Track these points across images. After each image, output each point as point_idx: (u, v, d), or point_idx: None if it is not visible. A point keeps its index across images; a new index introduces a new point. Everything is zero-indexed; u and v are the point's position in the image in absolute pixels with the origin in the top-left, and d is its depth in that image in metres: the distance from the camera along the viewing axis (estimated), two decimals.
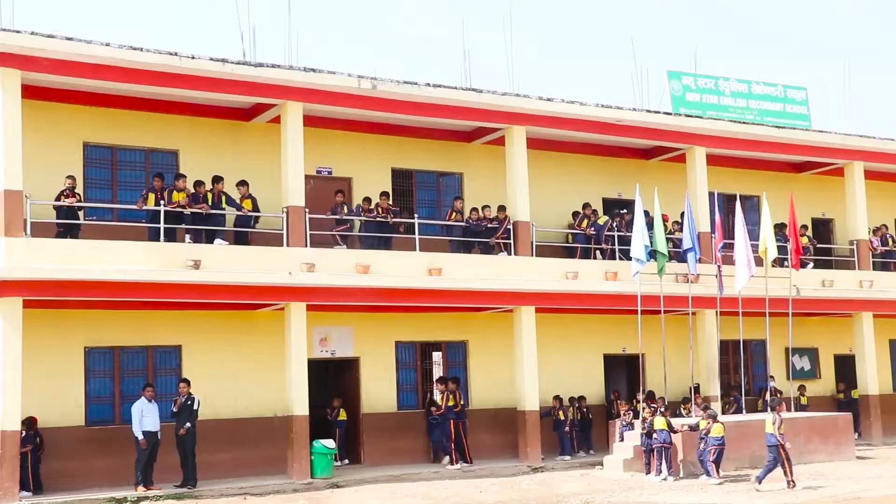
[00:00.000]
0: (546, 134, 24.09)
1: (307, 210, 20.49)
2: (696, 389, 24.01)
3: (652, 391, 24.43)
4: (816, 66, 70.16)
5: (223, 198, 20.29)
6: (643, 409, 20.73)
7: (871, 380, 26.95)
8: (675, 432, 19.91)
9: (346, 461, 21.98)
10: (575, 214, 24.65)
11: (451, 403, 21.56)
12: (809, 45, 73.72)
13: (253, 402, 20.99)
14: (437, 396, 22.10)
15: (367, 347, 22.61)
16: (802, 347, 28.22)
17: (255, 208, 20.49)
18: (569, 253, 24.28)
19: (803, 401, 26.81)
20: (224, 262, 19.27)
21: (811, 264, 27.03)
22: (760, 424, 21.73)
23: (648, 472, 19.91)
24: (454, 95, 21.98)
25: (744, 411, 24.35)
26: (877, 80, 69.62)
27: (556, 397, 23.58)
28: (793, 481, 17.82)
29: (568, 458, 23.12)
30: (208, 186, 20.17)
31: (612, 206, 25.88)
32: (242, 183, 20.45)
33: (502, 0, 56.62)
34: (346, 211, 21.84)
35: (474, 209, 23.09)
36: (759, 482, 17.88)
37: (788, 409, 24.67)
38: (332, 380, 23.11)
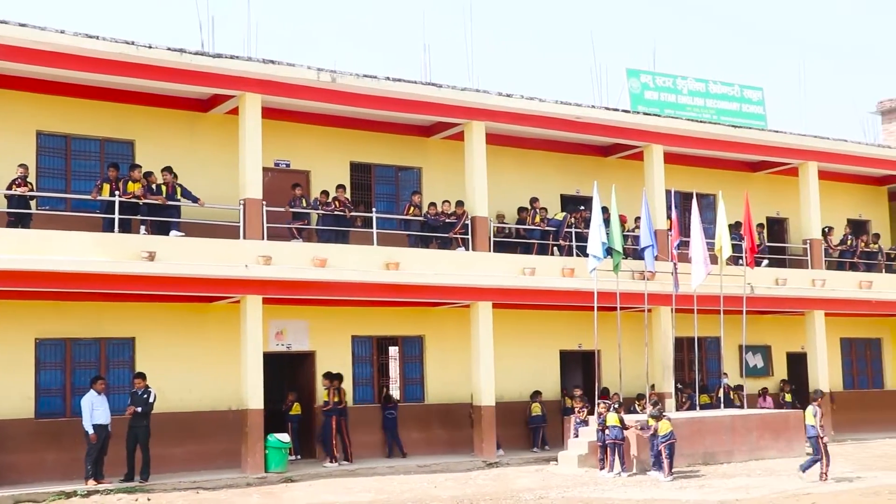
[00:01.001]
0: (505, 130, 24.12)
1: (265, 203, 20.35)
2: (654, 387, 24.16)
3: (607, 388, 24.57)
4: (773, 67, 70.87)
5: (178, 189, 20.09)
6: (598, 405, 20.82)
7: (822, 377, 27.26)
8: (627, 428, 20.01)
9: (298, 456, 21.86)
10: (521, 210, 24.68)
11: (335, 400, 21.38)
12: (766, 45, 74.43)
13: (207, 395, 20.84)
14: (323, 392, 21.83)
15: (323, 341, 22.52)
16: (756, 345, 28.50)
17: (184, 196, 20.19)
18: (526, 249, 24.33)
19: (788, 398, 27.07)
20: (179, 254, 19.09)
21: (766, 262, 27.27)
22: (714, 421, 22.03)
23: (603, 467, 20.01)
24: (414, 90, 21.93)
25: (697, 408, 24.55)
26: (831, 81, 70.45)
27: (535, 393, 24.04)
28: (825, 474, 18.17)
29: (537, 450, 23.51)
30: (159, 177, 19.94)
31: (570, 202, 25.96)
32: (168, 170, 20.17)
33: None
34: (304, 204, 21.73)
35: (433, 204, 23.07)
36: (804, 471, 18.33)
37: (742, 406, 24.99)
38: (288, 374, 23.00)
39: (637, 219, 24.96)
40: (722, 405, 24.95)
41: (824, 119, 65.03)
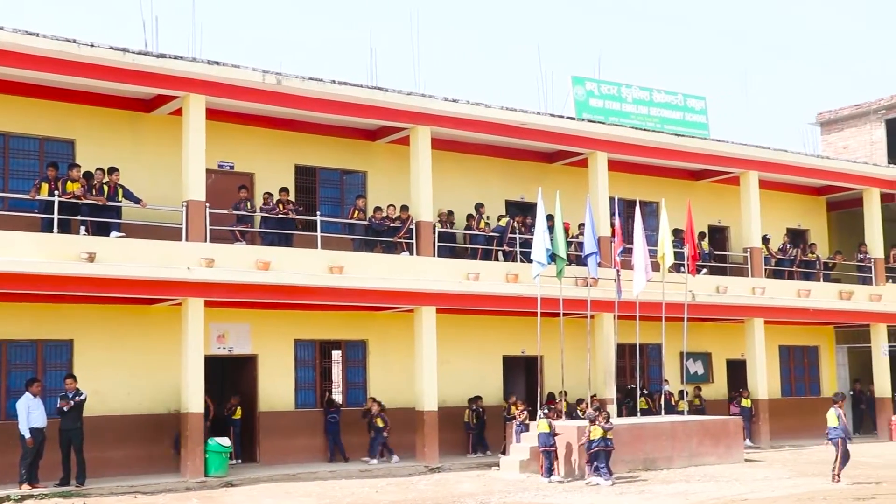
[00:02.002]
0: (450, 135, 24.15)
1: (208, 205, 20.17)
2: (594, 395, 24.30)
3: (552, 393, 24.67)
4: (716, 77, 71.77)
5: (120, 190, 19.84)
6: (542, 410, 20.90)
7: (760, 385, 27.63)
8: (557, 435, 20.05)
9: (240, 460, 21.67)
10: (470, 217, 24.73)
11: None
12: (709, 56, 75.37)
13: (146, 398, 20.59)
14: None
15: (265, 345, 22.37)
16: (696, 352, 28.81)
17: (126, 197, 19.95)
18: (470, 254, 24.37)
19: (696, 402, 27.39)
20: (120, 256, 18.84)
21: (704, 270, 27.56)
22: (654, 427, 22.20)
23: (544, 473, 20.05)
24: (359, 93, 21.88)
25: (638, 414, 24.75)
26: (773, 92, 71.53)
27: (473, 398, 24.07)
28: (838, 476, 18.50)
29: (481, 454, 23.61)
30: (99, 177, 19.66)
31: (514, 208, 26.05)
32: (112, 170, 19.89)
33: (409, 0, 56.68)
34: (248, 207, 21.57)
35: (378, 208, 23.03)
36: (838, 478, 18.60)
37: (682, 413, 25.23)
38: (230, 377, 22.82)
39: (581, 225, 25.11)
40: (663, 411, 25.17)
41: (766, 130, 66.05)
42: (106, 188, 19.63)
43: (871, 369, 30.55)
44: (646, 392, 26.45)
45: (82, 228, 19.37)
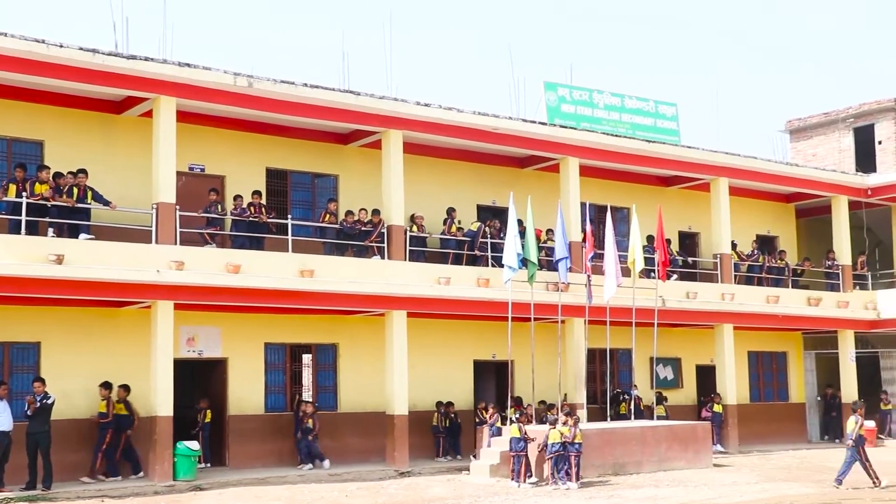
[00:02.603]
0: (423, 139, 24.15)
1: (178, 207, 20.07)
2: (565, 398, 24.35)
3: (520, 397, 24.70)
4: (687, 84, 72.21)
5: (89, 192, 19.69)
6: (511, 413, 20.94)
7: (729, 390, 27.79)
8: (529, 440, 20.07)
9: (209, 464, 21.55)
10: (445, 222, 24.75)
11: (113, 411, 19.83)
12: (681, 63, 75.81)
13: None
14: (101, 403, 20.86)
15: (235, 348, 22.27)
16: (666, 357, 28.92)
17: (95, 199, 19.81)
18: (442, 258, 24.38)
19: (660, 411, 27.23)
20: (89, 258, 18.70)
21: (675, 276, 27.69)
22: (624, 432, 22.29)
23: (514, 478, 20.08)
24: (331, 97, 21.85)
25: (609, 418, 24.83)
26: (743, 100, 72.06)
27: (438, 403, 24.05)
28: (877, 479, 18.83)
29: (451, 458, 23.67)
30: (68, 179, 19.50)
31: (486, 213, 26.09)
32: (81, 172, 19.72)
33: (382, 4, 56.68)
34: (219, 210, 21.48)
35: (349, 212, 22.99)
36: (839, 482, 18.83)
37: (651, 417, 25.33)
38: (199, 381, 22.70)
39: (551, 230, 25.18)
40: (632, 416, 25.25)
41: (736, 137, 66.48)
42: (75, 190, 19.48)
43: (839, 375, 30.78)
44: (626, 396, 26.53)
45: (50, 230, 19.22)
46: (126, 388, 20.03)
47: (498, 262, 23.63)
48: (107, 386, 19.77)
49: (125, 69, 19.40)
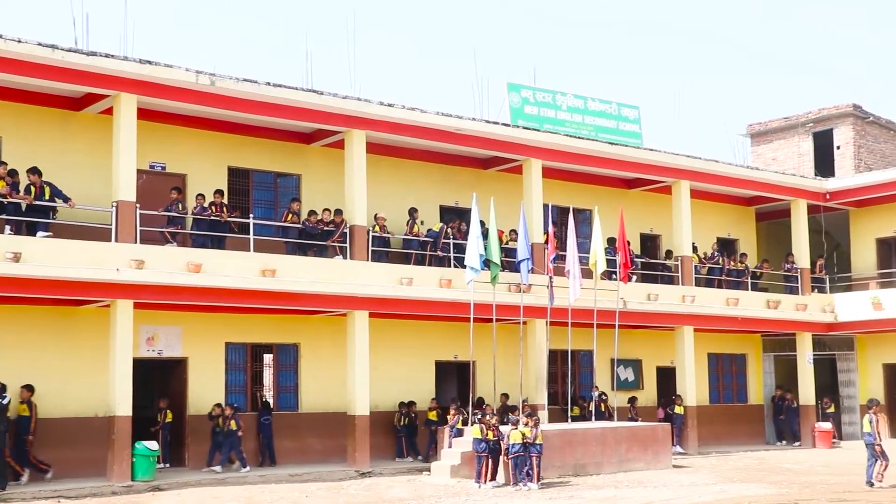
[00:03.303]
0: (386, 139, 24.12)
1: (138, 205, 19.90)
2: (525, 400, 24.40)
3: (482, 398, 24.73)
4: (649, 87, 72.66)
5: (47, 189, 19.48)
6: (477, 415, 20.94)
7: (689, 392, 27.98)
8: (490, 440, 20.08)
9: (168, 464, 21.39)
10: (407, 222, 24.74)
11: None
12: (644, 65, 76.26)
13: (72, 401, 20.22)
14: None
15: (196, 348, 22.13)
16: (627, 359, 29.09)
17: (55, 196, 19.61)
18: (404, 259, 24.36)
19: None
20: (47, 256, 18.51)
21: (634, 278, 27.82)
22: (585, 433, 22.38)
23: (477, 479, 20.06)
24: (294, 96, 21.76)
25: (569, 419, 24.92)
26: (705, 103, 72.60)
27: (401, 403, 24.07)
28: (882, 474, 18.99)
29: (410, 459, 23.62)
30: (29, 178, 19.28)
31: (449, 213, 26.09)
32: (34, 171, 19.46)
33: (346, 3, 56.55)
34: (180, 208, 21.32)
35: (312, 212, 22.91)
36: (870, 484, 19.00)
37: (612, 419, 25.46)
38: (159, 380, 22.53)
39: (514, 231, 25.23)
40: (593, 417, 25.35)
41: (698, 140, 67.03)
42: (33, 188, 19.26)
43: (797, 377, 31.09)
44: (604, 396, 26.69)
45: (7, 228, 19.00)
46: (30, 389, 19.35)
47: (460, 263, 23.65)
48: (30, 388, 19.33)
49: (85, 66, 19.23)
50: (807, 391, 30.71)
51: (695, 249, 29.63)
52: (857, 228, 33.23)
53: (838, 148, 35.63)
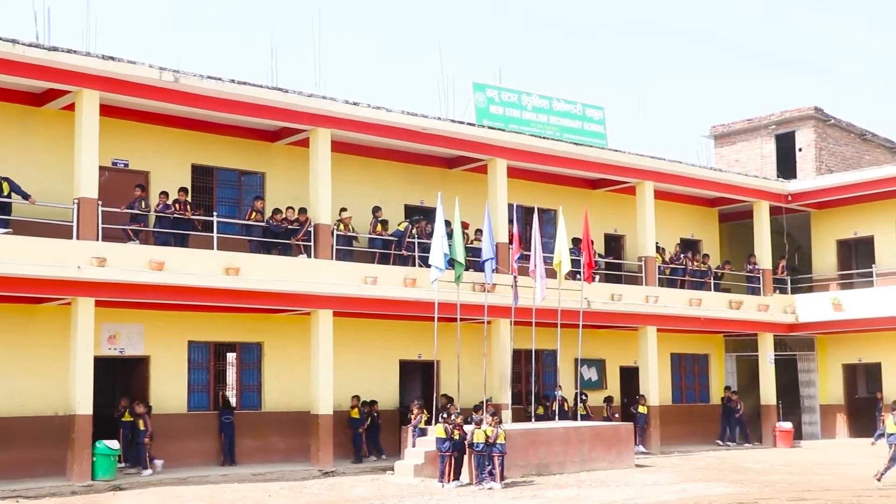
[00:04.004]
0: (351, 138, 24.06)
1: (100, 203, 19.73)
2: (489, 400, 24.43)
3: (450, 395, 24.66)
4: (614, 88, 72.99)
5: (5, 185, 19.25)
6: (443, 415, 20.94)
7: (652, 391, 28.14)
8: (453, 440, 20.09)
9: (129, 464, 21.22)
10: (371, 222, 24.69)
11: None
12: (608, 68, 76.62)
13: (32, 399, 20.02)
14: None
15: (158, 346, 21.98)
16: (591, 358, 29.20)
17: (14, 192, 19.40)
18: (369, 257, 24.31)
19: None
20: (6, 253, 18.28)
21: (598, 278, 27.89)
22: (548, 432, 22.44)
23: (441, 478, 20.06)
24: (259, 94, 21.66)
25: (533, 419, 24.98)
26: (670, 104, 73.04)
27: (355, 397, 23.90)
28: (881, 475, 19.08)
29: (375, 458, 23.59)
30: None
31: (414, 213, 26.07)
32: None
33: (312, 1, 56.35)
34: (143, 206, 21.15)
35: (276, 210, 22.82)
36: (879, 479, 19.10)
37: (574, 419, 25.55)
38: (121, 379, 22.34)
39: (479, 231, 25.25)
40: (557, 417, 25.42)
41: (662, 141, 67.40)
42: None
43: (758, 377, 31.35)
44: (584, 397, 26.71)
45: None
46: None
47: (425, 263, 23.63)
48: None
49: (46, 61, 19.04)
50: (768, 391, 30.97)
51: (659, 250, 29.79)
52: (818, 230, 33.57)
53: (800, 150, 35.96)
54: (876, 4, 72.21)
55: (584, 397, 27.17)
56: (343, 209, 23.84)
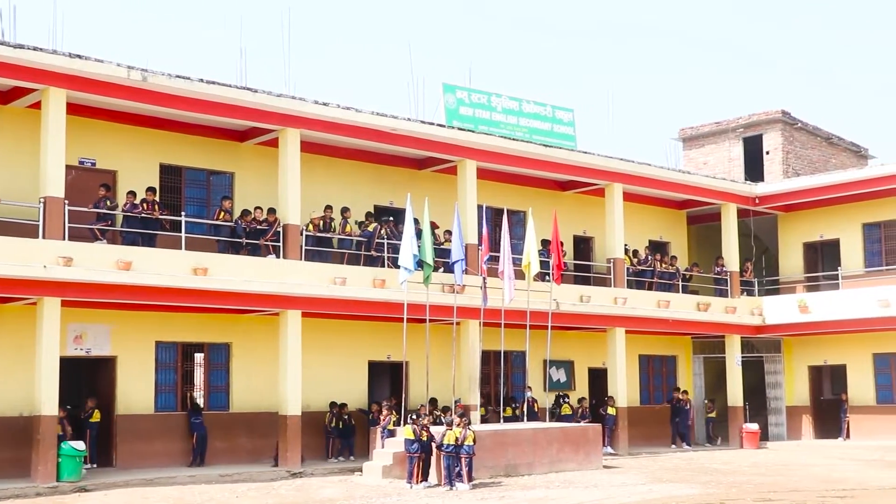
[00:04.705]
0: (320, 138, 24.00)
1: (67, 202, 19.57)
2: (458, 401, 24.43)
3: (434, 398, 24.64)
4: (583, 90, 73.26)
5: None
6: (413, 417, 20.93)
7: (620, 393, 28.24)
8: (422, 441, 20.08)
9: (95, 465, 21.05)
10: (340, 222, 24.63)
11: None
12: (577, 70, 76.88)
13: None
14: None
15: (125, 346, 21.83)
16: (560, 360, 29.27)
17: None
18: (339, 258, 24.25)
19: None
20: None
21: (566, 280, 27.94)
22: (516, 434, 22.48)
23: (409, 479, 20.05)
24: (228, 93, 21.56)
25: (501, 420, 25.01)
26: (639, 107, 73.39)
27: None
28: None
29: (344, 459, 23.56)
30: None
31: (383, 213, 26.04)
32: None
33: (281, 0, 56.19)
34: (109, 205, 20.99)
35: (245, 211, 22.72)
36: None
37: (544, 419, 25.60)
38: (87, 379, 22.17)
39: (448, 232, 25.25)
40: (525, 418, 25.47)
41: (631, 143, 67.74)
42: None
43: (726, 379, 31.56)
44: (565, 400, 26.76)
45: None
46: None
47: (394, 263, 23.60)
48: None
49: (12, 59, 18.86)
50: (735, 393, 31.18)
51: (628, 252, 29.91)
52: (784, 233, 33.85)
53: (767, 153, 36.25)
54: (845, 9, 72.95)
55: (566, 398, 27.20)
56: (328, 206, 23.81)
